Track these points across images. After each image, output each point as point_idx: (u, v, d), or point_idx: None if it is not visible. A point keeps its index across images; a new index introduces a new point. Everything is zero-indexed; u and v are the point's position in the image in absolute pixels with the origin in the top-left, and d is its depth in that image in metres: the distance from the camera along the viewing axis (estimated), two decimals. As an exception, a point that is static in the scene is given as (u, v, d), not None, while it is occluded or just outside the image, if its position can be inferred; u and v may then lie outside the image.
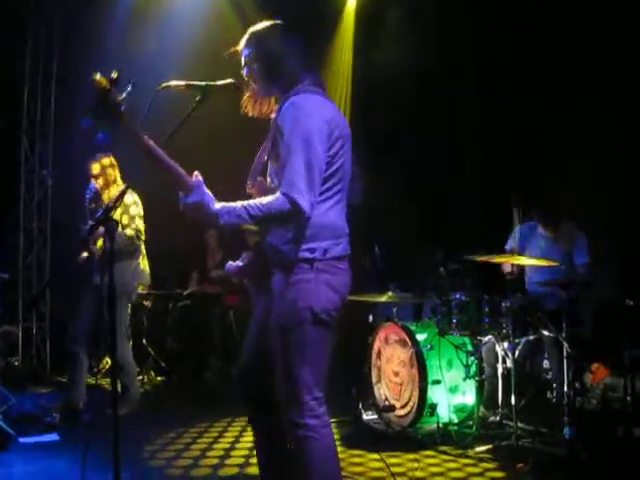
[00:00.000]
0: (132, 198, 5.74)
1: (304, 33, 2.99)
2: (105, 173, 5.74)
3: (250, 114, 3.02)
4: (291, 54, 2.92)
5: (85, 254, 5.74)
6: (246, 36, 3.00)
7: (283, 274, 2.79)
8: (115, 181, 5.78)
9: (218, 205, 2.64)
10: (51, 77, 8.27)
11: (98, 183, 5.74)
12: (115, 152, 5.77)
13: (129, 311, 5.96)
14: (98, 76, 2.56)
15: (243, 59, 2.99)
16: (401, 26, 7.66)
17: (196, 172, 2.64)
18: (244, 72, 2.98)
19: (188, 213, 2.66)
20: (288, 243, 2.77)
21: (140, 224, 5.73)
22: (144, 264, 5.96)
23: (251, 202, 2.65)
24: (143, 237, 5.76)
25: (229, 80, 2.89)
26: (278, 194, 2.66)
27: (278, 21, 3.02)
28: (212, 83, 2.81)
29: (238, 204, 2.65)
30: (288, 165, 2.68)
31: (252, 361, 3.02)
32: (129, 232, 5.60)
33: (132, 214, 5.68)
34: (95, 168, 5.75)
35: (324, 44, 8.58)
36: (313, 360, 2.80)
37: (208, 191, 2.65)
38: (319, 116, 2.77)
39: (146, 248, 5.98)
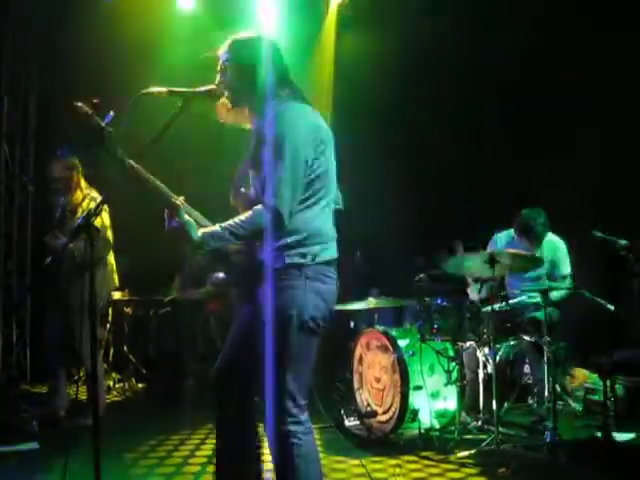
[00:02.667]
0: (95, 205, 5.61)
1: (285, 43, 2.99)
2: (64, 176, 5.57)
3: (222, 121, 3.01)
4: (267, 66, 2.92)
5: (49, 259, 5.65)
6: (227, 42, 3.01)
7: (272, 280, 2.77)
8: (78, 184, 5.63)
9: (200, 232, 2.62)
10: (32, 83, 8.23)
11: (58, 187, 5.60)
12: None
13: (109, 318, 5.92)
14: (80, 103, 2.56)
15: (219, 65, 3.00)
16: (384, 29, 7.67)
17: (182, 197, 2.62)
18: (217, 78, 2.98)
19: (171, 236, 2.65)
20: (278, 249, 2.76)
21: (106, 233, 5.58)
22: (111, 273, 5.85)
23: (233, 222, 2.65)
24: (111, 245, 5.64)
25: (211, 86, 2.88)
26: (260, 207, 2.67)
27: (261, 32, 3.03)
28: (193, 90, 2.80)
29: (219, 227, 2.64)
30: (273, 176, 2.68)
31: (232, 364, 3.01)
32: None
33: (97, 224, 5.54)
34: (55, 171, 5.61)
35: (305, 50, 8.56)
36: (298, 368, 2.81)
37: (189, 217, 2.63)
38: (302, 125, 2.80)
39: (115, 257, 5.88)
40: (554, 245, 5.80)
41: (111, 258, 5.80)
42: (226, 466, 3.07)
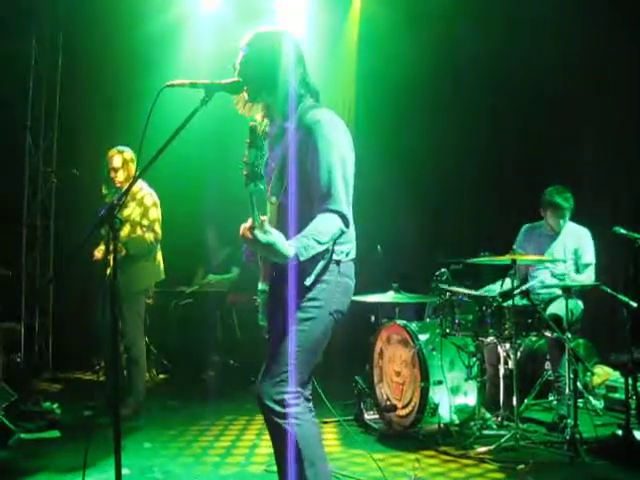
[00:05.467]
0: (152, 200, 5.66)
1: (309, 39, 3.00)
2: (127, 167, 5.61)
3: (241, 113, 3.04)
4: (290, 64, 2.94)
5: (99, 253, 5.66)
6: (250, 34, 3.02)
7: (307, 275, 2.81)
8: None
9: (291, 245, 2.63)
10: (56, 73, 8.28)
11: (118, 177, 5.61)
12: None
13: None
14: (254, 123, 2.61)
15: (240, 57, 3.00)
16: (405, 32, 7.62)
17: (265, 217, 2.61)
18: (236, 69, 2.99)
19: (258, 251, 2.72)
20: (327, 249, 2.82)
21: (158, 229, 5.67)
22: (159, 262, 5.90)
23: (313, 230, 2.69)
24: (160, 239, 5.72)
25: (233, 79, 2.88)
26: (329, 214, 2.74)
27: (287, 28, 3.05)
28: (217, 82, 2.80)
29: (305, 237, 2.66)
30: (331, 183, 2.76)
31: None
32: (148, 237, 5.58)
33: (152, 218, 5.62)
34: (116, 161, 5.61)
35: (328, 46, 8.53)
36: (308, 356, 2.86)
37: (276, 232, 2.61)
38: (344, 132, 2.91)
39: (165, 249, 5.94)
40: (578, 233, 5.80)
41: (158, 249, 5.86)
42: None
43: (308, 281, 2.80)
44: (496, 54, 7.42)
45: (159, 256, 5.88)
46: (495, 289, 5.68)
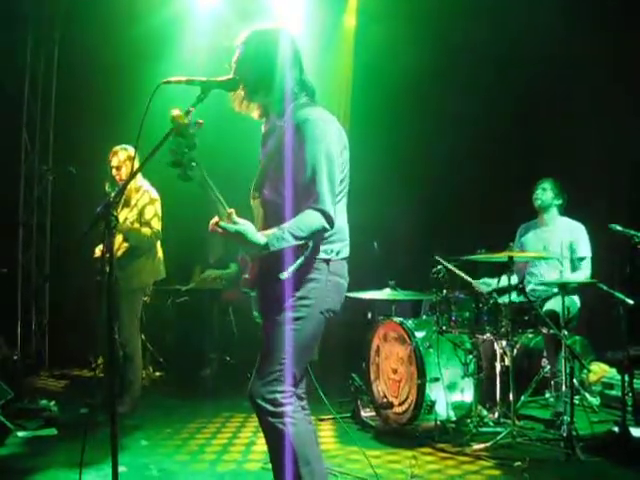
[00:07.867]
0: (149, 196, 5.65)
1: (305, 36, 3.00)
2: (126, 166, 5.61)
3: (237, 110, 3.03)
4: (287, 63, 2.94)
5: (99, 252, 5.65)
6: (246, 32, 3.01)
7: (296, 274, 2.80)
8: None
9: (264, 236, 2.68)
10: (52, 72, 8.27)
11: (119, 175, 5.63)
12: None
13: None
14: (177, 112, 2.64)
15: (236, 55, 3.00)
16: (402, 26, 7.60)
17: (232, 210, 2.67)
18: (232, 67, 2.98)
19: (230, 239, 2.71)
20: (307, 245, 2.81)
21: (157, 224, 5.65)
22: (159, 261, 5.89)
23: (292, 224, 2.70)
24: (160, 236, 5.71)
25: (229, 76, 2.88)
26: (312, 211, 2.73)
27: (284, 26, 3.03)
28: (213, 79, 2.80)
29: (280, 230, 2.69)
30: (315, 181, 2.75)
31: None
32: (145, 231, 5.56)
33: (148, 217, 5.60)
34: (114, 161, 5.64)
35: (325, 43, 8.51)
36: (301, 354, 2.86)
37: (247, 222, 2.69)
38: (333, 131, 2.89)
39: (162, 246, 5.92)
40: (573, 227, 5.81)
41: (159, 248, 5.85)
42: None
43: (283, 275, 2.77)
44: (494, 49, 7.41)
45: (160, 254, 5.87)
46: (491, 283, 5.68)
